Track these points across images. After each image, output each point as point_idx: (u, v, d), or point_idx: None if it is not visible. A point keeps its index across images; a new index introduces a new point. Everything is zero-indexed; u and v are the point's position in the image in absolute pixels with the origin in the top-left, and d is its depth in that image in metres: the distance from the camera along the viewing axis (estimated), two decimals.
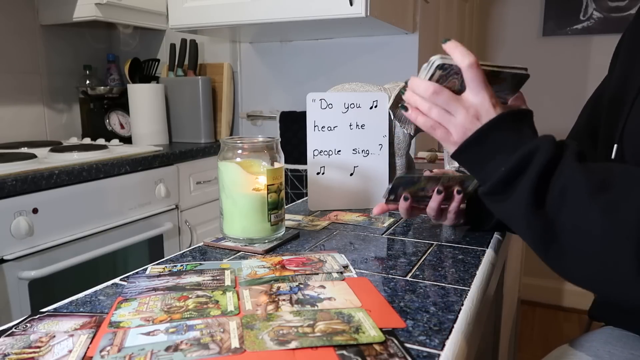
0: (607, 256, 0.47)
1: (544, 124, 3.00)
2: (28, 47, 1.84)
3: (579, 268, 0.51)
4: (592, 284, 0.52)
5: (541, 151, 0.52)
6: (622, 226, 0.46)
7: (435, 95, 0.59)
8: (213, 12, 1.58)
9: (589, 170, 0.51)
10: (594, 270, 0.49)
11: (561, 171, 0.51)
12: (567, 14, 2.40)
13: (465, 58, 0.57)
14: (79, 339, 0.43)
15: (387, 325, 0.45)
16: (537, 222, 0.51)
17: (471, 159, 0.59)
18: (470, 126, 0.57)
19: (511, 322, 1.46)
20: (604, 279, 0.49)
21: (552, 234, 0.51)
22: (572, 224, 0.49)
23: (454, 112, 0.59)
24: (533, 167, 0.51)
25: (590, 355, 0.68)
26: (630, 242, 0.46)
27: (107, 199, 1.38)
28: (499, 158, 0.55)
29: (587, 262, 0.49)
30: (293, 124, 1.84)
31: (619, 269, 0.47)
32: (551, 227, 0.51)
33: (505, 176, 0.53)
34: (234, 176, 0.68)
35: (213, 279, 0.57)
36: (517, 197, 0.52)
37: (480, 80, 0.57)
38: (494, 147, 0.56)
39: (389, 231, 0.78)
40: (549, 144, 0.52)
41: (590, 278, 0.51)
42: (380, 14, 1.42)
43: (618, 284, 0.48)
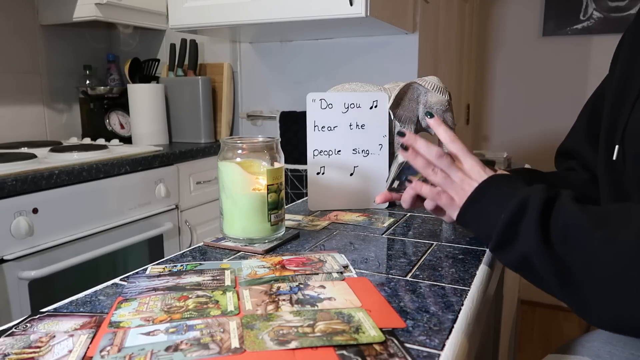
0: (616, 284, 0.48)
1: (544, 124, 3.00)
2: (28, 47, 1.84)
3: (595, 302, 0.51)
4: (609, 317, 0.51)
5: (536, 194, 0.55)
6: (622, 255, 0.48)
7: (440, 158, 0.65)
8: (213, 12, 1.58)
9: (586, 208, 0.53)
10: (608, 301, 0.49)
11: (560, 210, 0.53)
12: (567, 14, 2.40)
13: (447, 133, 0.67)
14: (79, 339, 0.43)
15: (387, 325, 0.45)
16: (549, 259, 0.52)
17: (473, 218, 0.62)
18: (467, 187, 0.63)
19: (511, 322, 1.46)
20: (618, 309, 0.49)
21: (565, 271, 0.52)
22: (579, 257, 0.51)
23: (451, 175, 0.65)
24: (532, 208, 0.54)
25: (591, 355, 0.68)
26: (633, 265, 0.47)
27: (107, 199, 1.38)
28: (498, 209, 0.58)
29: (599, 294, 0.50)
30: (293, 124, 1.84)
31: (629, 293, 0.47)
32: (562, 263, 0.52)
33: (507, 222, 0.56)
34: (234, 176, 0.68)
35: (213, 279, 0.57)
36: (524, 239, 0.54)
37: (464, 150, 0.66)
38: (492, 201, 0.60)
39: (389, 231, 0.78)
40: (541, 188, 0.56)
41: (606, 311, 0.50)
42: (380, 14, 1.42)
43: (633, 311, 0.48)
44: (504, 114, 2.66)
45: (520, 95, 2.62)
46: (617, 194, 0.66)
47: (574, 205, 0.53)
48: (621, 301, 0.48)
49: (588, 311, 0.52)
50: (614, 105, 0.68)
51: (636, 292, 0.47)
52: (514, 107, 2.64)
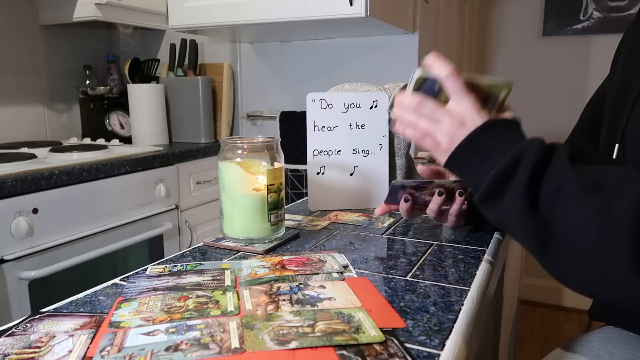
0: (604, 256, 0.47)
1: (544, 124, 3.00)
2: (28, 47, 1.84)
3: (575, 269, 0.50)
4: (589, 287, 0.51)
5: (530, 151, 0.52)
6: (618, 225, 0.46)
7: (420, 106, 0.61)
8: (213, 12, 1.58)
9: (581, 170, 0.50)
10: (591, 272, 0.48)
11: (553, 171, 0.51)
12: (567, 14, 2.40)
13: (444, 68, 0.60)
14: (79, 339, 0.43)
15: (387, 325, 0.45)
16: (533, 222, 0.50)
17: (462, 166, 0.59)
18: (457, 132, 0.58)
19: (511, 322, 1.46)
20: (601, 281, 0.48)
21: (547, 235, 0.50)
22: (567, 224, 0.49)
23: (440, 121, 0.60)
24: (524, 167, 0.51)
25: (591, 355, 0.68)
26: (626, 241, 0.45)
27: (107, 199, 1.38)
28: (488, 162, 0.55)
29: (582, 262, 0.48)
30: (293, 124, 1.84)
31: (614, 267, 0.46)
32: (547, 228, 0.50)
33: (496, 179, 0.53)
34: (234, 176, 0.68)
35: (213, 279, 0.57)
36: (510, 198, 0.52)
37: (461, 89, 0.59)
38: (483, 152, 0.56)
39: (389, 231, 0.78)
40: (537, 144, 0.52)
41: (587, 280, 0.50)
42: (380, 14, 1.42)
43: (615, 285, 0.47)
44: None
45: (520, 96, 2.62)
46: None
47: (568, 167, 0.51)
48: (604, 272, 0.47)
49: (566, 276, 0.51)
50: (614, 104, 0.68)
51: (622, 265, 0.45)
52: (514, 107, 2.63)
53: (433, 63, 0.61)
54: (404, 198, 0.73)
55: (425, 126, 0.61)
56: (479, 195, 0.56)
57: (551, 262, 0.51)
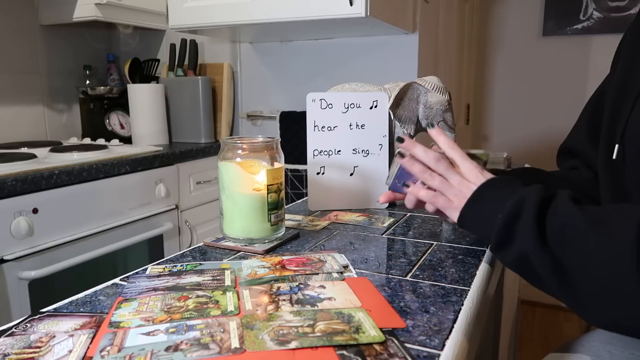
0: (613, 282, 0.48)
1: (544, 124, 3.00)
2: (28, 47, 1.84)
3: (592, 300, 0.51)
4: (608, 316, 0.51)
5: (532, 194, 0.56)
6: (621, 251, 0.48)
7: (437, 162, 0.67)
8: (213, 12, 1.58)
9: (583, 208, 0.53)
10: (606, 300, 0.50)
11: (556, 209, 0.54)
12: (567, 14, 2.40)
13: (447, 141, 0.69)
14: (79, 339, 0.43)
15: (387, 325, 0.45)
16: (547, 258, 0.52)
17: (473, 220, 0.63)
18: (465, 190, 0.64)
19: (511, 322, 1.46)
20: (616, 308, 0.49)
21: (561, 270, 0.52)
22: (576, 257, 0.51)
23: (449, 179, 0.66)
24: (528, 208, 0.55)
25: (591, 355, 0.68)
26: (631, 265, 0.47)
27: (107, 199, 1.38)
28: (495, 211, 0.58)
29: (597, 292, 0.50)
30: (293, 124, 1.84)
31: (628, 293, 0.47)
32: (559, 263, 0.52)
33: (504, 223, 0.56)
34: (234, 176, 0.68)
35: (213, 279, 0.57)
36: (521, 239, 0.54)
37: (462, 155, 0.67)
38: (491, 203, 0.60)
39: (389, 231, 0.78)
40: (538, 189, 0.56)
41: (604, 310, 0.50)
42: (380, 14, 1.42)
43: (631, 310, 0.48)
44: (504, 114, 2.66)
45: (520, 95, 2.62)
46: (617, 193, 0.66)
47: (570, 205, 0.54)
48: (617, 300, 0.49)
49: (585, 310, 0.52)
50: (614, 104, 0.68)
51: (632, 291, 0.47)
52: (514, 107, 2.64)
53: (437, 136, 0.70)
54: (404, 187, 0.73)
55: (438, 184, 0.67)
56: (493, 244, 0.59)
57: (568, 296, 0.53)
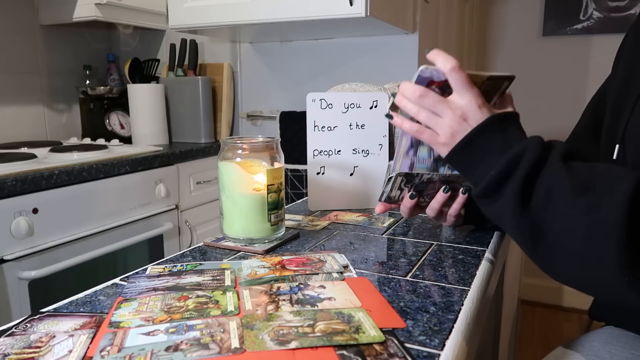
0: (591, 254, 0.48)
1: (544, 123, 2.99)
2: (28, 47, 1.84)
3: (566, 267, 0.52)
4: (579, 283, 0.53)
5: (528, 153, 0.53)
6: (604, 225, 0.47)
7: (422, 98, 0.61)
8: (213, 12, 1.58)
9: (573, 170, 0.52)
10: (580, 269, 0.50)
11: (546, 172, 0.52)
12: (567, 14, 2.40)
13: (448, 62, 0.59)
14: (79, 339, 0.43)
15: (387, 325, 0.45)
16: (525, 222, 0.53)
17: (462, 163, 0.60)
18: (458, 127, 0.59)
19: (511, 322, 1.46)
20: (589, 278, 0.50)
21: (539, 234, 0.52)
22: (557, 223, 0.51)
23: (441, 114, 0.60)
24: (520, 170, 0.53)
25: (591, 355, 0.68)
26: (611, 240, 0.47)
27: (107, 199, 1.38)
28: (487, 161, 0.56)
29: (572, 260, 0.50)
30: (293, 124, 1.84)
31: (602, 266, 0.48)
32: (538, 227, 0.52)
33: (494, 179, 0.55)
34: (234, 176, 0.68)
35: (213, 279, 0.57)
36: (505, 199, 0.54)
37: (464, 82, 0.59)
38: (483, 151, 0.57)
39: (389, 231, 0.78)
40: (535, 145, 0.54)
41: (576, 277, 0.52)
42: (380, 14, 1.42)
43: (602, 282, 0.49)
44: None
45: (520, 95, 2.61)
46: None
47: (561, 167, 0.52)
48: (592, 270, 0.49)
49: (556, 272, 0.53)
50: (615, 104, 0.68)
51: (609, 264, 0.47)
52: None
53: (436, 57, 0.61)
54: (410, 195, 0.72)
55: (425, 118, 0.61)
56: (477, 192, 0.58)
57: (543, 260, 0.54)
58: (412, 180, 0.70)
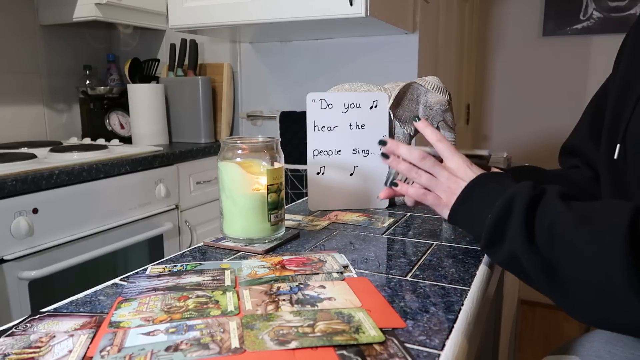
0: (600, 282, 0.48)
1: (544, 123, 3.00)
2: (28, 47, 1.84)
3: (581, 300, 0.51)
4: (596, 316, 0.52)
5: (521, 193, 0.55)
6: (608, 251, 0.48)
7: (422, 161, 0.67)
8: (213, 12, 1.58)
9: (572, 205, 0.53)
10: (594, 301, 0.50)
11: (545, 208, 0.54)
12: (567, 14, 2.40)
13: (434, 134, 0.68)
14: (79, 339, 0.43)
15: (387, 325, 0.45)
16: (536, 258, 0.53)
17: (464, 218, 0.63)
18: (454, 186, 0.64)
19: (511, 322, 1.46)
20: (604, 309, 0.50)
21: (550, 270, 0.52)
22: (564, 255, 0.51)
23: (437, 176, 0.66)
24: (517, 208, 0.55)
25: (591, 355, 0.68)
26: (617, 266, 0.47)
27: (107, 199, 1.38)
28: (485, 210, 0.58)
29: (584, 291, 0.50)
30: (293, 124, 1.84)
31: (613, 293, 0.48)
32: (549, 263, 0.52)
33: (494, 223, 0.56)
34: (234, 176, 0.68)
35: (213, 279, 0.57)
36: (511, 239, 0.55)
37: (450, 149, 0.67)
38: (480, 201, 0.60)
39: (389, 231, 0.78)
40: (527, 186, 0.56)
41: (593, 310, 0.51)
42: (380, 14, 1.42)
43: (617, 311, 0.49)
44: (504, 114, 2.66)
45: (520, 95, 2.62)
46: (618, 193, 0.66)
47: (559, 203, 0.53)
48: (605, 300, 0.49)
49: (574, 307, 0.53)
50: (616, 103, 0.68)
51: (620, 290, 0.47)
52: (514, 107, 2.64)
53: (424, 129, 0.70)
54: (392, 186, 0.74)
55: (426, 181, 0.67)
56: (483, 243, 0.59)
57: (558, 295, 0.53)
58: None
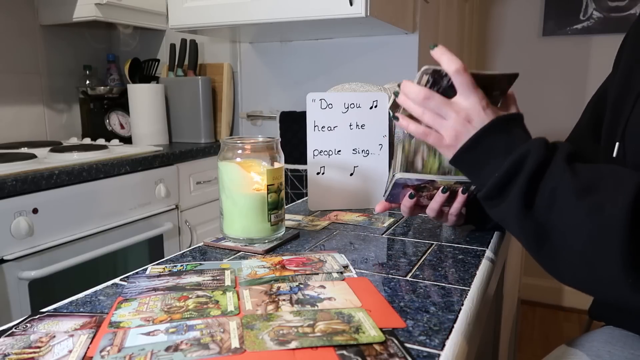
0: (594, 256, 0.49)
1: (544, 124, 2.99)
2: (28, 47, 1.84)
3: (570, 268, 0.52)
4: (583, 284, 0.53)
5: (532, 154, 0.53)
6: (608, 227, 0.47)
7: (426, 100, 0.60)
8: (213, 12, 1.58)
9: (577, 172, 0.52)
10: (583, 270, 0.50)
11: (550, 173, 0.53)
12: (567, 14, 2.40)
13: (453, 63, 0.59)
14: (79, 339, 0.43)
15: (387, 325, 0.45)
16: (529, 224, 0.53)
17: (467, 165, 0.60)
18: (462, 129, 0.58)
19: (511, 322, 1.46)
20: (593, 279, 0.50)
21: (543, 235, 0.52)
22: (561, 224, 0.51)
23: (445, 116, 0.60)
24: (524, 172, 0.53)
25: (591, 355, 0.68)
26: (615, 242, 0.47)
27: (107, 199, 1.38)
28: (492, 163, 0.56)
29: (576, 261, 0.50)
30: (293, 124, 1.84)
31: (605, 268, 0.48)
32: (543, 228, 0.52)
33: (499, 181, 0.55)
34: (234, 176, 0.68)
35: (213, 279, 0.57)
36: (509, 200, 0.54)
37: (469, 84, 0.59)
38: (488, 152, 0.57)
39: (389, 231, 0.78)
40: (539, 146, 0.54)
41: (580, 278, 0.52)
42: (380, 14, 1.42)
43: (606, 283, 0.49)
44: None
45: (520, 95, 2.61)
46: None
47: (565, 168, 0.52)
48: (596, 271, 0.49)
49: (560, 273, 0.53)
50: (615, 102, 0.68)
51: (612, 264, 0.47)
52: None
53: (440, 56, 0.60)
54: (409, 194, 0.72)
55: (430, 120, 0.61)
56: (482, 195, 0.58)
57: (547, 260, 0.54)
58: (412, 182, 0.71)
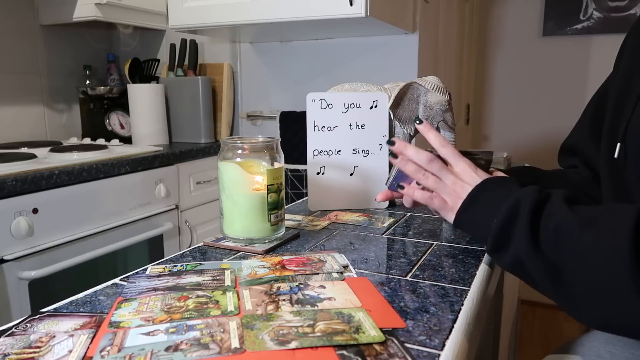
0: (605, 284, 0.48)
1: (544, 124, 3.00)
2: (28, 47, 1.84)
3: (586, 301, 0.51)
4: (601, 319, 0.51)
5: (526, 197, 0.56)
6: (612, 253, 0.48)
7: (430, 163, 0.67)
8: (213, 12, 1.58)
9: (576, 210, 0.53)
10: (599, 303, 0.50)
11: (550, 212, 0.54)
12: (567, 14, 2.40)
13: (437, 139, 0.68)
14: (79, 339, 0.43)
15: (387, 325, 0.45)
16: (541, 262, 0.53)
17: (470, 222, 0.63)
18: (460, 190, 0.64)
19: (511, 322, 1.46)
20: (609, 311, 0.49)
21: (555, 273, 0.52)
22: (570, 258, 0.51)
23: (444, 179, 0.66)
24: (523, 212, 0.55)
25: (591, 355, 0.68)
26: (622, 267, 0.47)
27: (107, 199, 1.38)
28: (491, 214, 0.58)
29: (590, 293, 0.50)
30: (293, 124, 1.84)
31: (619, 295, 0.48)
32: (554, 266, 0.52)
33: (500, 227, 0.56)
34: (234, 176, 0.68)
35: (213, 279, 0.57)
36: (516, 243, 0.55)
37: (455, 153, 0.67)
38: (486, 205, 0.60)
39: (389, 231, 0.78)
40: (532, 191, 0.57)
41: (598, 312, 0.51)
42: (380, 14, 1.42)
43: (622, 312, 0.48)
44: (504, 114, 2.66)
45: (520, 95, 2.62)
46: (618, 192, 0.66)
47: (564, 207, 0.54)
48: (610, 301, 0.49)
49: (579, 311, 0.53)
50: (616, 102, 0.68)
51: (625, 292, 0.47)
52: (514, 107, 2.64)
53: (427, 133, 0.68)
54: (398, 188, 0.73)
55: (432, 184, 0.66)
56: (489, 247, 0.59)
57: (563, 298, 0.53)
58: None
